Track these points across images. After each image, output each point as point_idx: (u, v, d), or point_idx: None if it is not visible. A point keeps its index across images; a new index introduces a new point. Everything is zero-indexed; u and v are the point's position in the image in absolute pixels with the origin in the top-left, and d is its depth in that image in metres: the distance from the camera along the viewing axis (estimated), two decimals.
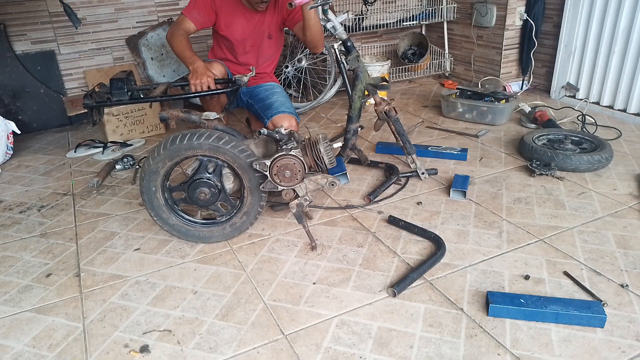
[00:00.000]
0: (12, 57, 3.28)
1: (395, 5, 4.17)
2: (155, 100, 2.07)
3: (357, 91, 2.32)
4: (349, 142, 2.39)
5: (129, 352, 1.48)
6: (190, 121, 1.94)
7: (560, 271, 1.73)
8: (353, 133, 2.36)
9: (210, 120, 1.93)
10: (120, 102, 2.07)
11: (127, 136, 3.21)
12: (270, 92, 2.52)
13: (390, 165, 2.51)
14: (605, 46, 3.20)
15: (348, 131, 2.37)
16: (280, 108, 2.38)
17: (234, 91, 2.12)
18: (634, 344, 1.41)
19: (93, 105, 1.99)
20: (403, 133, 2.40)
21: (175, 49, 2.28)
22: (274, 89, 2.55)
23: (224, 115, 2.02)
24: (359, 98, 2.32)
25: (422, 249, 1.90)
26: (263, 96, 2.50)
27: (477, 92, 3.30)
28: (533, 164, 2.44)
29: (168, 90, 2.16)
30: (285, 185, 1.87)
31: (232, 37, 2.45)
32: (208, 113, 1.94)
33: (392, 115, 2.35)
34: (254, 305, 1.64)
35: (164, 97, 2.05)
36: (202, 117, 1.93)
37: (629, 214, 2.07)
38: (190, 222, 1.99)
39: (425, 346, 1.44)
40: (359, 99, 2.33)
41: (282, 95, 2.50)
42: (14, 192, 2.57)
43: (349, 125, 2.36)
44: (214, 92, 2.15)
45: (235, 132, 1.98)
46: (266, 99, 2.48)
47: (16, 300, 1.73)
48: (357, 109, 2.33)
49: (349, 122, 2.36)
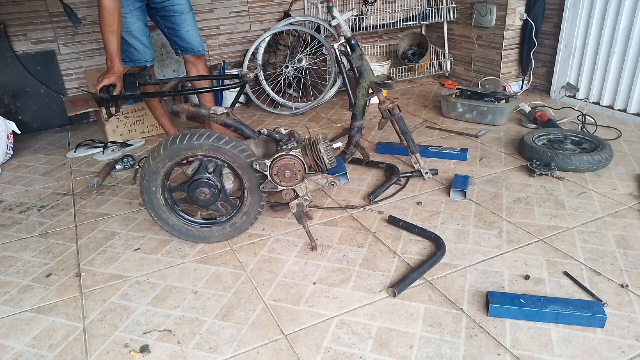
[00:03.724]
0: (12, 57, 3.28)
1: (395, 5, 4.17)
2: (165, 95, 2.10)
3: (361, 89, 2.33)
4: (352, 139, 2.40)
5: (129, 352, 1.48)
6: (199, 115, 1.96)
7: (560, 271, 1.74)
8: (357, 130, 2.38)
9: (218, 114, 1.94)
10: (132, 96, 2.13)
11: (127, 136, 3.21)
12: (180, 15, 2.52)
13: (391, 166, 2.51)
14: (605, 46, 3.20)
15: (352, 128, 2.39)
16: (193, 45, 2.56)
17: (240, 86, 2.14)
18: (634, 344, 1.41)
19: (108, 98, 2.04)
20: (407, 132, 2.39)
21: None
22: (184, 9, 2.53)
23: (232, 110, 2.04)
24: (362, 96, 2.33)
25: (422, 249, 1.90)
26: (173, 20, 2.53)
27: (477, 92, 3.30)
28: (533, 164, 2.44)
29: (179, 85, 2.19)
30: (285, 185, 1.88)
31: None
32: (216, 107, 1.96)
33: (395, 114, 2.35)
34: (254, 305, 1.64)
35: (172, 93, 2.10)
36: (211, 111, 1.94)
37: (629, 214, 2.07)
38: (190, 222, 1.99)
39: (425, 346, 1.44)
40: (363, 96, 2.33)
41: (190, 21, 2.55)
42: (14, 192, 2.57)
43: (353, 122, 2.38)
44: (220, 88, 2.19)
45: (245, 125, 1.99)
46: (177, 27, 2.53)
47: (16, 300, 1.73)
48: (361, 106, 2.34)
49: (354, 120, 2.38)
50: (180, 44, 2.60)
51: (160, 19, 2.55)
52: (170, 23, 2.54)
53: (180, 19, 2.52)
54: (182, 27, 2.54)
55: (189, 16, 2.55)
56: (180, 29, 2.54)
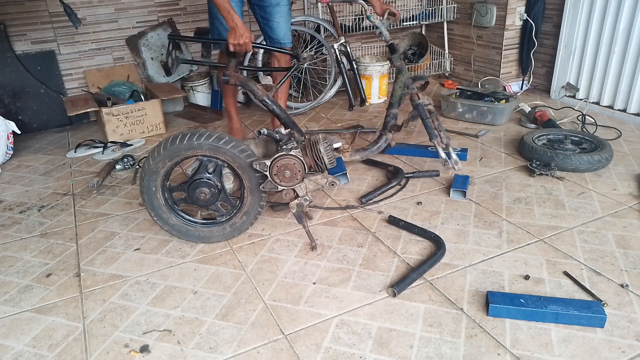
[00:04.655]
0: (12, 57, 3.28)
1: (395, 6, 4.17)
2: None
3: (399, 82, 2.57)
4: (388, 125, 2.56)
5: (129, 352, 1.48)
6: (246, 85, 2.04)
7: (560, 271, 1.74)
8: (392, 117, 2.57)
9: (266, 86, 2.06)
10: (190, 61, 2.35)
11: (127, 136, 3.21)
12: (275, 7, 2.64)
13: (397, 169, 2.48)
14: (605, 46, 3.20)
15: (388, 115, 2.57)
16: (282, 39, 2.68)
17: (292, 69, 2.33)
18: (634, 344, 1.42)
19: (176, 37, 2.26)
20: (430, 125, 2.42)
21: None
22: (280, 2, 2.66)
23: (276, 89, 2.16)
24: (400, 88, 2.57)
25: (422, 249, 1.90)
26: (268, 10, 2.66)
27: (477, 92, 3.30)
28: (533, 164, 2.44)
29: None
30: (285, 185, 1.88)
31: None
32: (267, 84, 2.00)
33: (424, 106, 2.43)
34: (254, 305, 1.64)
35: (217, 64, 2.33)
36: (261, 83, 2.01)
37: (629, 214, 2.08)
38: (190, 222, 1.99)
39: (425, 346, 1.44)
40: (400, 89, 2.57)
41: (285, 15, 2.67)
42: (14, 192, 2.57)
43: (389, 110, 2.57)
44: (276, 69, 2.39)
45: (280, 109, 2.08)
46: (270, 17, 2.66)
47: (16, 300, 1.73)
48: (398, 97, 2.59)
49: (390, 108, 2.58)
50: (269, 33, 2.72)
51: (257, 9, 2.70)
52: (265, 13, 2.67)
53: (275, 10, 2.65)
54: (274, 18, 2.67)
55: (284, 9, 2.68)
56: (272, 19, 2.67)
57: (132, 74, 3.62)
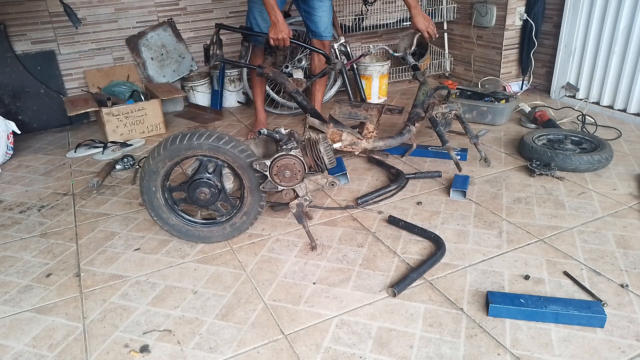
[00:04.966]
0: (12, 57, 3.28)
1: (395, 5, 4.17)
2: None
3: (422, 90, 2.75)
4: (412, 119, 2.64)
5: (129, 352, 1.48)
6: (278, 78, 2.32)
7: (560, 271, 1.74)
8: (415, 115, 2.66)
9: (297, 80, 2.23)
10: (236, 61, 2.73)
11: (127, 136, 3.21)
12: (318, 1, 2.78)
13: (399, 172, 2.46)
14: (605, 46, 3.20)
15: (411, 113, 2.68)
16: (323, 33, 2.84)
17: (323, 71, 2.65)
18: (634, 344, 1.42)
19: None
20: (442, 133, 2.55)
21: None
22: None
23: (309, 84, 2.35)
24: (423, 94, 2.74)
25: (422, 249, 1.90)
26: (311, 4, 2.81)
27: (477, 92, 3.30)
28: (533, 164, 2.44)
29: None
30: (285, 185, 1.88)
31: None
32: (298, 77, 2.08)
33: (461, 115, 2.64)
34: (254, 305, 1.64)
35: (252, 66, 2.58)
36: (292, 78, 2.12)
37: (629, 214, 2.08)
38: (190, 222, 1.99)
39: (425, 346, 1.44)
40: (423, 95, 2.73)
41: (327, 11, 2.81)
42: (14, 192, 2.57)
43: (413, 109, 2.68)
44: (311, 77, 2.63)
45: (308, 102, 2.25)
46: (312, 10, 2.80)
47: (16, 300, 1.73)
48: (421, 101, 2.72)
49: (414, 108, 2.69)
50: (311, 27, 2.85)
51: (301, 2, 2.82)
52: (308, 7, 2.80)
53: (317, 4, 2.77)
54: (317, 12, 2.78)
55: (326, 4, 2.80)
56: (315, 13, 2.79)
57: (132, 74, 3.62)
